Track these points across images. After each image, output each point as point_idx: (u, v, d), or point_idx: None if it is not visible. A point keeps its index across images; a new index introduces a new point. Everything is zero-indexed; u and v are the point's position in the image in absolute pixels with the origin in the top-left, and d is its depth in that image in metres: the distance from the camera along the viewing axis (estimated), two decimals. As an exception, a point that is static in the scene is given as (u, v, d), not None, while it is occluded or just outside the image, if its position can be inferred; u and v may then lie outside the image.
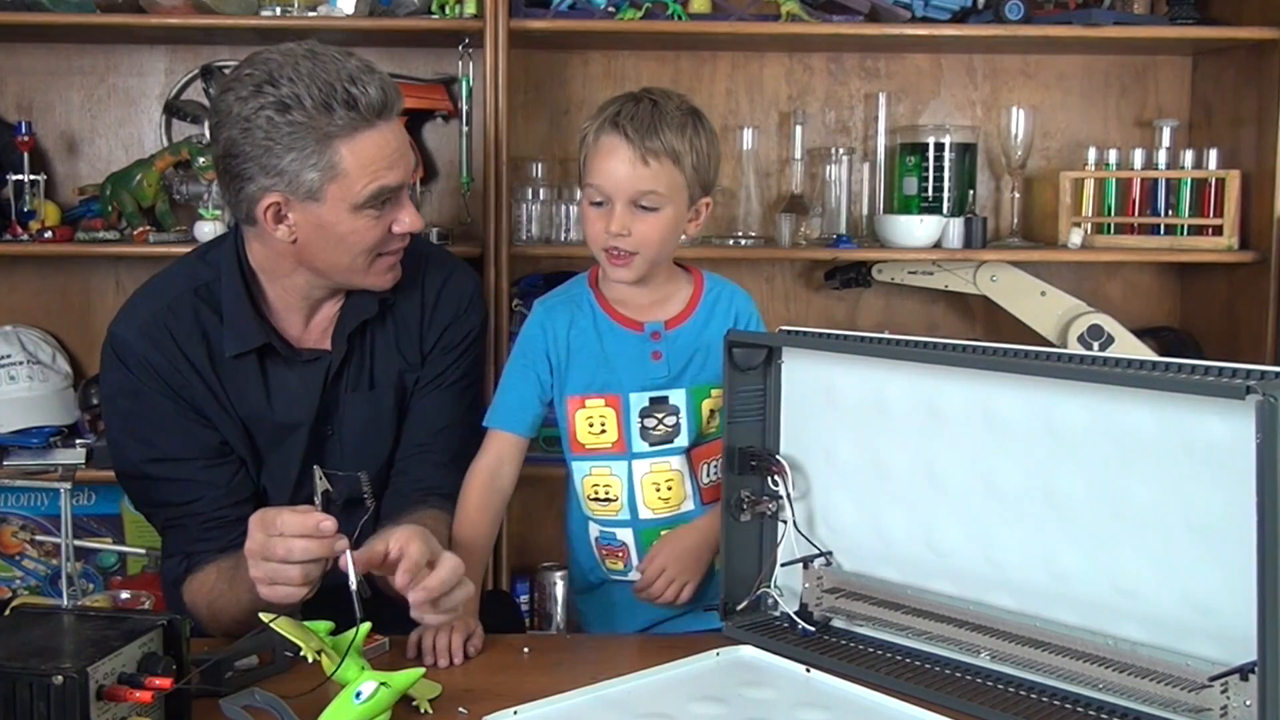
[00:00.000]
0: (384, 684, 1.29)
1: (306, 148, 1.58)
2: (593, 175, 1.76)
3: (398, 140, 1.64)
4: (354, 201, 1.61)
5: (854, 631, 1.58)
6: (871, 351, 1.59)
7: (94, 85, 2.81)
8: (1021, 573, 1.43)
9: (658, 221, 1.74)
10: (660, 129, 1.72)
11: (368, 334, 1.79)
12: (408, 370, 1.81)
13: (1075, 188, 2.74)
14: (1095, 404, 1.34)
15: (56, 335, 2.82)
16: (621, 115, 1.73)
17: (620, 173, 1.72)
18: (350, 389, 1.79)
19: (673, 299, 1.84)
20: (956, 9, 2.64)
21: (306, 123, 1.57)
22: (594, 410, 1.78)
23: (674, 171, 1.73)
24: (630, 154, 1.72)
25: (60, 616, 1.28)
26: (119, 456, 1.77)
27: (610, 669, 1.45)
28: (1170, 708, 1.29)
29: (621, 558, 1.82)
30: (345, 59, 1.60)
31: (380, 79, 1.61)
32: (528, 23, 2.53)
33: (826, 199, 2.80)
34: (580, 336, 1.81)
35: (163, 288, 1.78)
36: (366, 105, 1.57)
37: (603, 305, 1.83)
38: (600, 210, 1.76)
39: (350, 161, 1.59)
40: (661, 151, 1.72)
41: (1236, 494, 1.20)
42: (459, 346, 1.84)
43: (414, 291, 1.81)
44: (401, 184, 1.65)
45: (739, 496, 1.63)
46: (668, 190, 1.73)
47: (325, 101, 1.56)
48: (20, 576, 2.75)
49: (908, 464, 1.53)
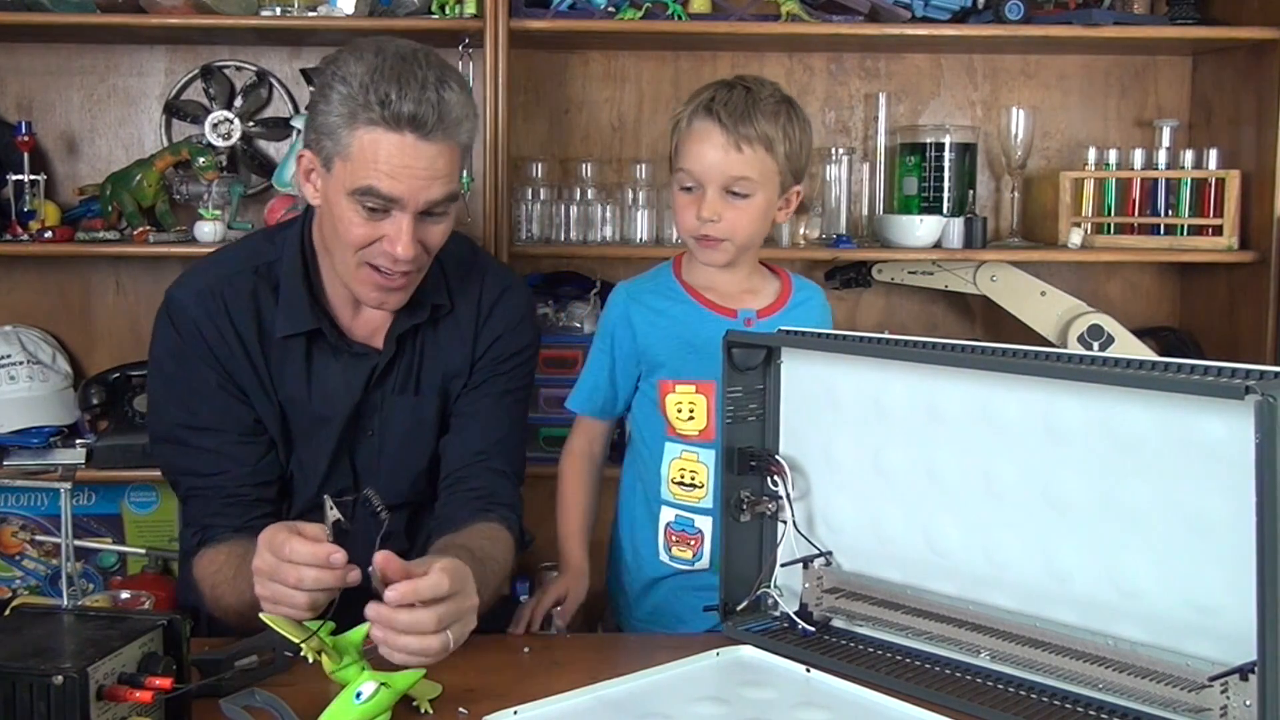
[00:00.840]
0: (384, 684, 1.29)
1: (338, 118, 1.60)
2: (684, 160, 1.77)
3: (418, 161, 1.59)
4: (348, 187, 1.62)
5: (854, 631, 1.58)
6: (871, 351, 1.59)
7: (94, 85, 2.81)
8: (1021, 573, 1.43)
9: (749, 208, 1.76)
10: (754, 116, 1.73)
11: (419, 337, 1.80)
12: (453, 377, 1.82)
13: (1075, 188, 2.74)
14: (1094, 404, 1.34)
15: (56, 335, 2.82)
16: (716, 101, 1.74)
17: (712, 158, 1.73)
18: (396, 391, 1.79)
19: (762, 290, 1.86)
20: (956, 9, 2.64)
21: (347, 97, 1.59)
22: (684, 396, 1.81)
23: (766, 158, 1.74)
24: (724, 140, 1.73)
25: (60, 616, 1.28)
26: (156, 419, 1.79)
27: (610, 669, 1.45)
28: (1170, 708, 1.29)
29: (693, 546, 1.82)
30: (423, 70, 1.59)
31: (431, 102, 1.58)
32: (528, 23, 2.53)
33: (826, 199, 2.80)
34: (669, 324, 1.82)
35: (226, 260, 1.81)
36: (395, 110, 1.57)
37: (691, 293, 1.84)
38: (691, 196, 1.77)
39: (357, 149, 1.60)
40: (755, 138, 1.73)
41: (1236, 494, 1.20)
42: (510, 360, 1.84)
43: (470, 300, 1.82)
44: (397, 198, 1.60)
45: (738, 497, 1.63)
46: (759, 177, 1.74)
47: (367, 90, 1.58)
48: (20, 576, 2.75)
49: (907, 464, 1.53)
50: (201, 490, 1.74)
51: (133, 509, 2.77)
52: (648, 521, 1.87)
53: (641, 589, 1.90)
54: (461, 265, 1.83)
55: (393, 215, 1.62)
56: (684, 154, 1.77)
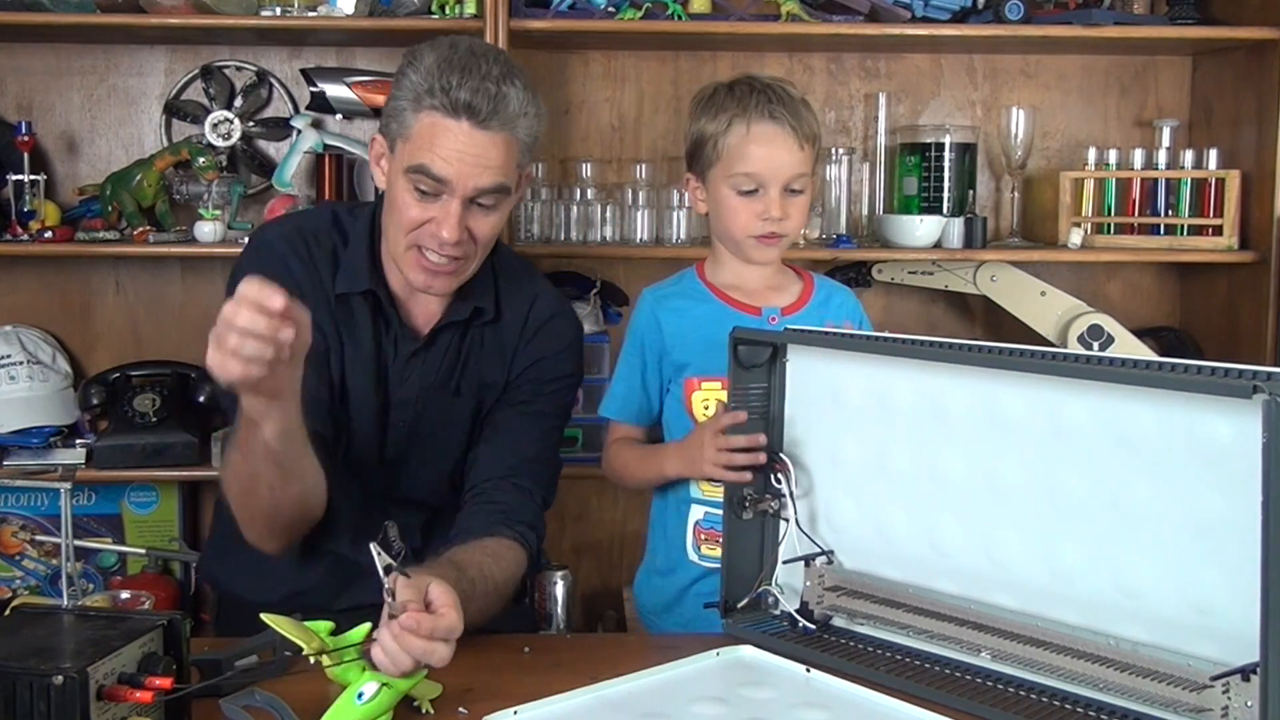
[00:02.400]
0: (386, 685, 1.29)
1: (405, 102, 1.68)
2: (746, 164, 1.80)
3: (470, 147, 1.66)
4: (403, 165, 1.69)
5: (855, 630, 1.58)
6: (875, 350, 1.59)
7: (94, 85, 2.81)
8: (1023, 572, 1.43)
9: (803, 202, 1.83)
10: (801, 113, 1.80)
11: (465, 340, 1.82)
12: (489, 387, 1.83)
13: (1075, 188, 2.74)
14: (1098, 403, 1.34)
15: (56, 335, 2.82)
16: (773, 102, 1.79)
17: (781, 160, 1.79)
18: (436, 388, 1.80)
19: (786, 289, 1.90)
20: (956, 9, 2.64)
21: (416, 84, 1.67)
22: (710, 393, 1.84)
23: (813, 155, 1.82)
24: (791, 140, 1.78)
25: (60, 616, 1.28)
26: None
27: (610, 669, 1.45)
28: (1171, 708, 1.29)
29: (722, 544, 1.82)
30: (488, 65, 1.67)
31: (489, 93, 1.65)
32: (528, 23, 2.53)
33: (826, 199, 2.80)
34: (694, 323, 1.85)
35: (313, 216, 1.90)
36: (454, 98, 1.64)
37: (717, 293, 1.88)
38: (750, 198, 1.80)
39: (417, 130, 1.67)
40: (810, 135, 1.80)
41: (1239, 494, 1.20)
42: (550, 384, 1.85)
43: (518, 315, 1.84)
44: (445, 179, 1.66)
45: (741, 494, 1.63)
46: (811, 171, 1.82)
47: (433, 78, 1.66)
48: (20, 576, 2.75)
49: (910, 462, 1.53)
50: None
51: (133, 509, 2.77)
52: (679, 524, 1.88)
53: (676, 594, 1.90)
54: (516, 278, 1.86)
55: (442, 199, 1.68)
56: (746, 157, 1.80)
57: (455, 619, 1.34)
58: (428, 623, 1.32)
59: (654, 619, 1.96)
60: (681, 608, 1.89)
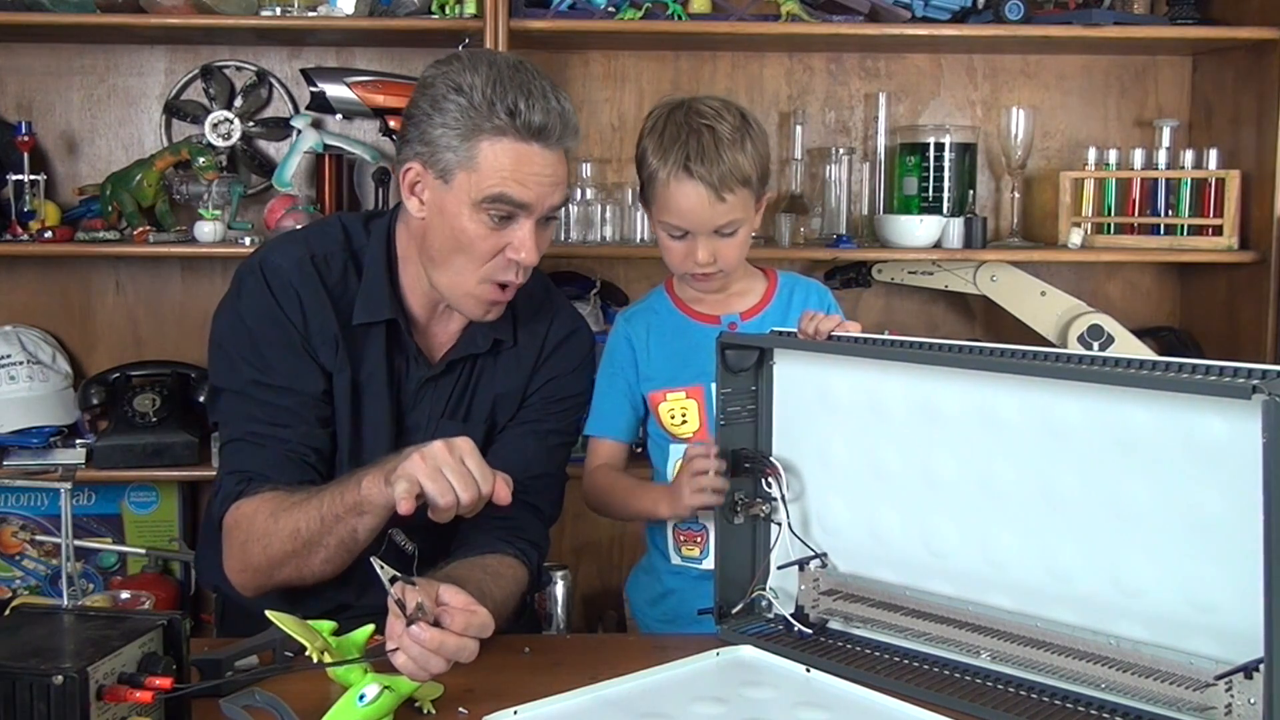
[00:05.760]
0: (388, 687, 1.29)
1: (457, 130, 1.62)
2: (669, 214, 1.80)
3: (545, 168, 1.64)
4: (475, 197, 1.63)
5: (851, 633, 1.58)
6: (864, 353, 1.58)
7: (94, 85, 2.81)
8: (1021, 573, 1.43)
9: (738, 241, 1.81)
10: (724, 157, 1.75)
11: (477, 366, 1.81)
12: (503, 404, 1.82)
13: (1075, 188, 2.74)
14: (1094, 403, 1.34)
15: (56, 335, 2.82)
16: (690, 158, 1.75)
17: (701, 214, 1.77)
18: (446, 415, 1.79)
19: (748, 293, 1.90)
20: (956, 9, 2.64)
21: (468, 109, 1.62)
22: (675, 403, 1.85)
23: (745, 193, 1.78)
24: (708, 196, 1.75)
25: (60, 616, 1.28)
26: (224, 372, 1.75)
27: (610, 669, 1.45)
28: (1174, 706, 1.29)
29: (699, 544, 1.84)
30: (540, 81, 1.64)
31: (556, 111, 1.63)
32: (528, 23, 2.53)
33: (826, 199, 2.80)
34: (660, 337, 1.87)
35: (320, 236, 1.80)
36: (525, 120, 1.61)
37: (679, 306, 1.90)
38: (681, 242, 1.81)
39: (487, 158, 1.62)
40: (734, 183, 1.76)
41: (1237, 492, 1.20)
42: (562, 403, 1.85)
43: (535, 336, 1.83)
44: (527, 204, 1.63)
45: (733, 499, 1.63)
46: (743, 212, 1.79)
47: (492, 100, 1.61)
48: (20, 576, 2.75)
49: (903, 464, 1.52)
50: (263, 439, 1.70)
51: (133, 509, 2.77)
52: (661, 526, 1.89)
53: (660, 593, 1.92)
54: (533, 302, 1.83)
55: (516, 222, 1.65)
56: (668, 208, 1.79)
57: (487, 614, 1.36)
58: (461, 620, 1.33)
59: (643, 616, 1.98)
60: (665, 605, 1.92)
